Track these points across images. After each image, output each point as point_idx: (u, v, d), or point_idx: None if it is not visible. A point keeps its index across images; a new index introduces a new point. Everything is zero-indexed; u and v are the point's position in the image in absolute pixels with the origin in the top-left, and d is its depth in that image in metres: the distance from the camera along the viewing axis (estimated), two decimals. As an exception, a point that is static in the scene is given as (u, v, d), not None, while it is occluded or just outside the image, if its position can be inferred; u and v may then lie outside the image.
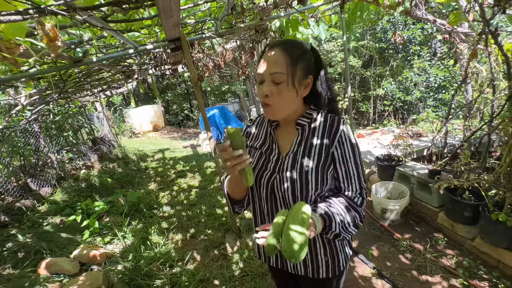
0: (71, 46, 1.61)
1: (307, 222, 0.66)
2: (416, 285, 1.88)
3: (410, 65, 5.69)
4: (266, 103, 0.76)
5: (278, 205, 0.84)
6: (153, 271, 2.00)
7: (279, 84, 0.73)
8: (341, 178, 0.80)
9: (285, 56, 0.73)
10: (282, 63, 0.73)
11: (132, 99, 6.20)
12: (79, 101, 4.71)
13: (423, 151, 3.25)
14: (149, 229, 2.73)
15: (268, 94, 0.74)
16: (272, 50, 0.75)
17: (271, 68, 0.73)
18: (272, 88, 0.74)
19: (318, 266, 0.86)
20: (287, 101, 0.76)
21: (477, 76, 2.51)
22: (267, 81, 0.74)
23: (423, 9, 2.52)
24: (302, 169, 0.78)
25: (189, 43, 2.39)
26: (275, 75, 0.73)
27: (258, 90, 0.78)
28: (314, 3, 2.50)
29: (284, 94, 0.74)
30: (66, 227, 2.55)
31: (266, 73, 0.74)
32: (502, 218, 1.75)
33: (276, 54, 0.74)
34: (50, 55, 1.13)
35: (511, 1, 1.69)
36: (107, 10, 1.09)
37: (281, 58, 0.73)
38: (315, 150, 0.79)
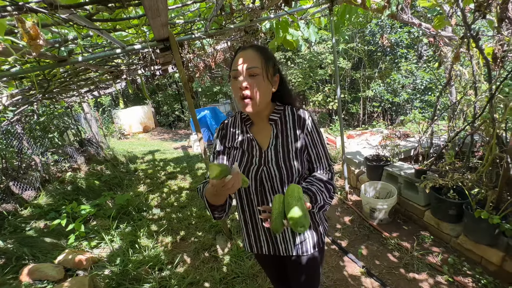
0: (55, 45, 1.57)
1: (303, 197, 0.75)
2: (403, 282, 1.92)
3: (398, 67, 5.84)
4: (246, 96, 0.83)
5: (268, 195, 0.91)
6: (141, 275, 1.96)
7: (256, 76, 0.82)
8: (313, 159, 0.93)
9: (258, 55, 0.84)
10: (256, 59, 0.83)
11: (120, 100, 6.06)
12: (65, 101, 4.57)
13: (410, 151, 3.33)
14: (138, 232, 2.67)
15: (248, 86, 0.81)
16: (245, 51, 0.85)
17: (248, 63, 0.82)
18: (250, 81, 0.82)
19: (306, 242, 0.96)
20: (264, 92, 0.86)
21: (460, 78, 2.59)
22: (245, 76, 0.82)
23: (409, 13, 2.59)
24: (285, 157, 0.89)
25: (179, 43, 2.37)
26: (252, 69, 0.81)
27: (235, 84, 0.83)
28: (304, 5, 2.52)
29: (261, 86, 0.83)
30: (50, 231, 2.46)
31: (242, 68, 0.82)
32: (484, 216, 1.81)
33: (250, 52, 0.84)
34: (31, 54, 1.09)
35: (491, 7, 1.76)
36: (91, 9, 1.06)
37: (255, 56, 0.84)
38: (291, 140, 0.91)
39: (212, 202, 0.84)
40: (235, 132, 0.97)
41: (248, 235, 1.01)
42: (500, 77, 1.82)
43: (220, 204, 0.86)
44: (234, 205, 1.06)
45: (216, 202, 0.84)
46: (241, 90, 0.82)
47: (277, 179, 0.88)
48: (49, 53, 1.56)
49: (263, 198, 0.91)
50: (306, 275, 1.03)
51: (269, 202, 0.90)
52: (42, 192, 3.21)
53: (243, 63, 0.82)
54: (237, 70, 0.82)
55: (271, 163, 0.88)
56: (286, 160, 0.88)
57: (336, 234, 2.55)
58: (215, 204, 0.85)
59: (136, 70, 3.52)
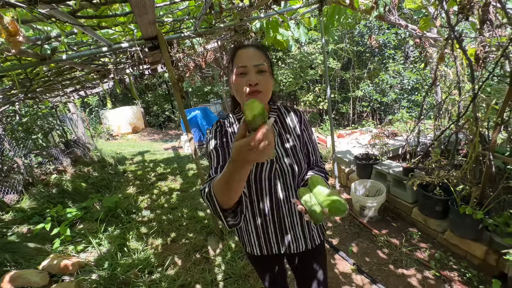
0: (37, 42, 1.51)
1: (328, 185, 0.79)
2: (392, 278, 1.96)
3: (386, 68, 5.96)
4: (258, 90, 0.82)
5: (280, 193, 0.91)
6: (130, 279, 1.91)
7: (263, 72, 0.83)
8: (310, 153, 1.00)
9: (262, 53, 0.86)
10: (262, 57, 0.84)
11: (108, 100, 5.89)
12: (49, 101, 4.42)
13: (399, 150, 3.41)
14: (127, 235, 2.61)
15: (258, 82, 0.81)
16: (248, 48, 0.85)
17: (255, 60, 0.82)
18: (259, 77, 0.82)
19: (313, 234, 1.00)
20: (271, 88, 0.88)
21: (445, 78, 2.67)
22: (252, 72, 0.81)
23: (396, 15, 2.65)
24: (293, 152, 0.92)
25: (168, 42, 2.33)
26: (260, 66, 0.82)
27: (242, 81, 0.82)
28: (294, 5, 2.54)
29: (269, 81, 0.85)
30: (34, 236, 2.37)
31: (250, 64, 0.81)
32: (469, 212, 1.87)
33: (254, 50, 0.85)
34: (10, 51, 1.04)
35: (474, 9, 1.82)
36: (74, 5, 1.02)
37: (259, 54, 0.85)
38: (293, 136, 0.96)
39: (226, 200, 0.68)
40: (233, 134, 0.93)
41: (258, 238, 0.97)
42: (482, 77, 1.88)
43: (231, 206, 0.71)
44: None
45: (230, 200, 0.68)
46: (251, 86, 0.80)
47: (289, 174, 0.90)
48: (31, 51, 1.50)
49: (277, 196, 0.92)
50: (319, 264, 1.06)
51: (280, 200, 0.92)
52: (25, 195, 3.09)
53: (251, 60, 0.82)
54: (246, 67, 0.81)
55: (283, 159, 0.90)
56: (295, 155, 0.92)
57: (327, 232, 2.57)
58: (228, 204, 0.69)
59: (124, 69, 3.44)
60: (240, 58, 0.83)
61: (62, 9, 1.06)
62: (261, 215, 0.94)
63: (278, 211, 0.93)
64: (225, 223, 0.73)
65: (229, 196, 0.66)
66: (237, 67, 0.83)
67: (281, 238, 0.96)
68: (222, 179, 0.63)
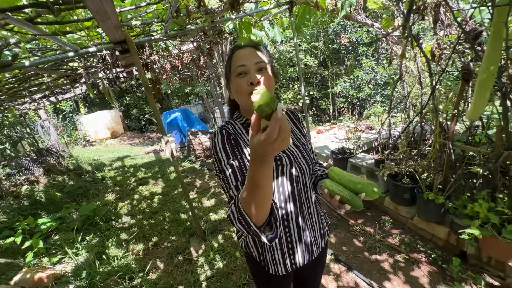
0: (-5, 49, 1.45)
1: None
2: (367, 264, 2.08)
3: (360, 64, 6.19)
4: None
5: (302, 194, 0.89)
6: (110, 286, 1.89)
7: (265, 70, 0.79)
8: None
9: (261, 51, 0.82)
10: (261, 55, 0.81)
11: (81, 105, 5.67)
12: (16, 109, 4.19)
13: (373, 143, 3.58)
14: (106, 242, 2.56)
15: (260, 80, 0.76)
16: (244, 49, 0.81)
17: (255, 58, 0.78)
18: (261, 75, 0.77)
19: (325, 230, 1.00)
20: (273, 85, 0.83)
21: (410, 74, 2.85)
22: (252, 71, 0.77)
23: (363, 14, 2.78)
24: (306, 150, 0.92)
25: (139, 45, 2.30)
26: (261, 64, 0.78)
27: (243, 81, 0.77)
28: (264, 6, 2.59)
29: (271, 79, 0.80)
30: (3, 251, 2.26)
31: (250, 63, 0.77)
32: (431, 197, 2.02)
33: (251, 50, 0.80)
34: (-37, 60, 1.01)
35: (427, 10, 1.96)
36: (31, 12, 1.01)
37: (258, 52, 0.81)
38: (299, 135, 0.96)
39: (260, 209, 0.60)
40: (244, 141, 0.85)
41: (282, 253, 0.88)
42: (438, 72, 2.03)
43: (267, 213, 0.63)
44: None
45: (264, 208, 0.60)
46: (253, 85, 0.75)
47: (307, 172, 0.89)
48: (-12, 58, 1.44)
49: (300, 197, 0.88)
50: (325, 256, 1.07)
51: (303, 201, 0.89)
52: (-6, 209, 2.93)
53: (251, 58, 0.78)
54: (245, 65, 0.77)
55: (299, 158, 0.88)
56: (308, 153, 0.92)
57: (307, 225, 2.66)
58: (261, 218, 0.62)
59: (96, 73, 3.34)
60: (239, 58, 0.78)
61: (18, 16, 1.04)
62: (284, 222, 0.86)
63: (303, 213, 0.89)
64: (265, 240, 0.64)
65: (261, 205, 0.59)
66: (235, 67, 0.79)
67: (305, 244, 0.90)
68: (247, 189, 0.57)
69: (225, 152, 0.77)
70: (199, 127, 6.62)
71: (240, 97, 0.80)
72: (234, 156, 0.76)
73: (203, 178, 4.39)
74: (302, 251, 0.89)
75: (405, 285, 1.84)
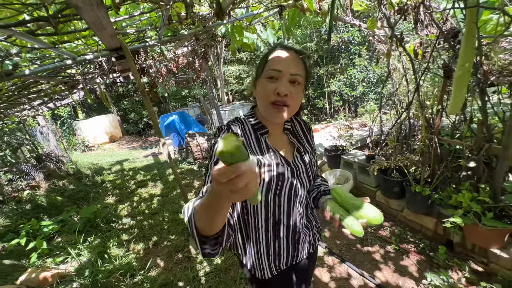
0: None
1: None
2: (359, 256, 2.17)
3: (353, 63, 6.31)
4: (285, 103, 0.72)
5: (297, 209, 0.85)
6: (112, 283, 1.97)
7: (297, 85, 0.73)
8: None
9: (301, 62, 0.75)
10: (301, 66, 0.74)
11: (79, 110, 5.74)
12: (16, 116, 4.26)
13: (366, 140, 3.67)
14: (107, 243, 2.63)
15: (288, 93, 0.70)
16: (289, 51, 0.74)
17: (293, 68, 0.72)
18: (290, 88, 0.71)
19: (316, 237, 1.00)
20: (298, 105, 0.77)
21: (398, 72, 2.94)
22: (284, 80, 0.71)
23: (350, 15, 2.88)
24: (311, 166, 0.88)
25: (134, 51, 2.38)
26: (297, 76, 0.72)
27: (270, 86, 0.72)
28: (255, 10, 2.68)
29: (300, 97, 0.74)
30: (8, 253, 2.33)
31: (286, 70, 0.71)
32: (418, 189, 2.12)
33: (294, 57, 0.74)
34: (-30, 72, 1.09)
35: (409, 11, 2.06)
36: (32, 26, 1.09)
37: (299, 62, 0.74)
38: (307, 148, 0.90)
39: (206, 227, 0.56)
40: (251, 144, 0.80)
41: (268, 256, 0.86)
42: (421, 70, 2.13)
43: (214, 232, 0.58)
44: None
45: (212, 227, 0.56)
46: (279, 96, 0.70)
47: (307, 187, 0.86)
48: (-9, 68, 1.52)
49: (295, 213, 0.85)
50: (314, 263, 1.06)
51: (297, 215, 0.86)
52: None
53: (288, 66, 0.71)
54: (280, 71, 0.70)
55: (302, 174, 0.84)
56: (312, 170, 0.87)
57: (302, 221, 2.75)
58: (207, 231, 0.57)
59: (93, 79, 3.42)
60: (276, 61, 0.72)
61: (20, 29, 1.12)
62: (275, 234, 0.84)
63: (295, 228, 0.87)
64: (200, 250, 0.60)
65: (208, 225, 0.55)
66: (269, 68, 0.72)
67: (293, 250, 0.89)
68: (201, 206, 0.53)
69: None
70: (197, 129, 6.70)
71: (262, 102, 0.75)
72: None
73: (201, 179, 4.47)
74: (286, 255, 0.88)
75: (395, 274, 1.93)
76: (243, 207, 0.82)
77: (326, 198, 0.87)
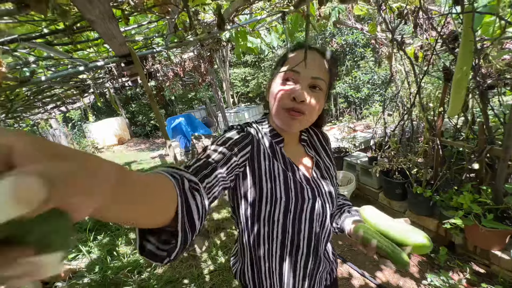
0: (17, 67, 1.65)
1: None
2: (360, 256, 2.19)
3: (358, 65, 6.31)
4: (300, 110, 0.61)
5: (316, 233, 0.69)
6: (121, 279, 2.05)
7: (318, 91, 0.63)
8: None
9: (326, 65, 0.64)
10: (324, 70, 0.64)
11: (89, 113, 5.93)
12: (30, 119, 4.45)
13: (370, 142, 3.69)
14: (116, 241, 2.73)
15: (305, 100, 0.60)
16: (312, 52, 0.64)
17: (315, 70, 0.62)
18: (309, 93, 0.61)
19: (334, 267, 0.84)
20: (317, 113, 0.66)
21: (400, 74, 2.96)
22: (304, 85, 0.61)
23: (352, 19, 2.92)
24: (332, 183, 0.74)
25: (142, 57, 2.49)
26: (318, 80, 0.62)
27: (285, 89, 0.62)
28: (258, 16, 2.76)
29: (319, 104, 0.63)
30: (24, 250, 2.46)
31: (307, 74, 0.61)
32: (419, 191, 2.13)
33: (318, 58, 0.64)
34: (-6, 80, 1.19)
35: (409, 15, 2.09)
36: (49, 37, 1.19)
37: (323, 65, 0.64)
38: (327, 162, 0.77)
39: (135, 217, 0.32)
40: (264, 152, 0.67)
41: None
42: (422, 72, 2.15)
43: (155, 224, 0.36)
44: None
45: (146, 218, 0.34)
46: (295, 101, 0.61)
47: (329, 210, 0.71)
48: (11, 76, 1.64)
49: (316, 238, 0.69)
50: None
51: (319, 242, 0.70)
52: (12, 213, 3.14)
53: (309, 68, 0.61)
54: (298, 74, 0.61)
55: (325, 194, 0.70)
56: (334, 188, 0.74)
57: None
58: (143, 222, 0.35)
59: (103, 83, 3.56)
60: (296, 61, 0.62)
61: (40, 41, 1.22)
62: (291, 263, 0.69)
63: (316, 257, 0.71)
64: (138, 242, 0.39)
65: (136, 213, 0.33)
66: (286, 70, 0.63)
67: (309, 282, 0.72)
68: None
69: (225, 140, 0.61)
70: (203, 131, 6.81)
71: (274, 107, 0.64)
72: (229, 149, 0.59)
73: (207, 180, 4.55)
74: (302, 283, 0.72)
75: (395, 274, 1.95)
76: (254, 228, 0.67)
77: (354, 220, 0.73)
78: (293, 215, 0.65)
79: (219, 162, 0.55)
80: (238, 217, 0.69)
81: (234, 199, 0.68)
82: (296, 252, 0.68)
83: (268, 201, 0.63)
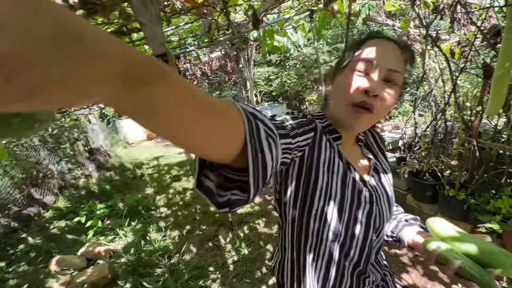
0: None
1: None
2: (388, 258, 2.15)
3: (387, 63, 6.05)
4: (370, 105, 0.54)
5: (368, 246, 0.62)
6: (153, 262, 2.23)
7: (393, 86, 0.55)
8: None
9: (403, 58, 0.57)
10: (401, 63, 0.56)
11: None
12: (74, 114, 4.91)
13: (398, 142, 3.56)
14: (148, 228, 2.95)
15: (379, 94, 0.53)
16: (389, 43, 0.56)
17: (392, 63, 0.54)
18: (384, 88, 0.54)
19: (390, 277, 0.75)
20: (388, 110, 0.59)
21: (434, 71, 2.84)
22: (379, 76, 0.53)
23: (383, 16, 2.85)
24: (390, 188, 0.67)
25: (175, 56, 2.66)
26: (395, 73, 0.54)
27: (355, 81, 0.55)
28: (286, 15, 2.80)
29: (392, 100, 0.56)
30: (71, 229, 2.76)
31: (383, 65, 0.54)
32: (452, 193, 2.04)
33: (395, 49, 0.56)
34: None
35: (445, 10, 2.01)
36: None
37: (401, 57, 0.56)
38: (385, 165, 0.71)
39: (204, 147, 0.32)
40: (320, 147, 0.60)
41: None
42: (458, 70, 2.06)
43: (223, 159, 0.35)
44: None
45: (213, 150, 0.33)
46: (366, 94, 0.54)
47: (387, 219, 0.65)
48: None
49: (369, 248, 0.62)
50: None
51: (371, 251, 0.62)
52: (60, 197, 3.53)
53: (386, 59, 0.54)
54: (373, 64, 0.54)
55: (383, 200, 0.64)
56: (392, 192, 0.68)
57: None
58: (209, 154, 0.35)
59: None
60: (371, 50, 0.55)
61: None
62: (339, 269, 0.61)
63: (365, 267, 0.63)
64: (195, 182, 0.39)
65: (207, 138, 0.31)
66: (359, 58, 0.55)
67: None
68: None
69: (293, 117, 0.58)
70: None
71: (339, 101, 0.59)
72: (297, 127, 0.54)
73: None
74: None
75: (423, 278, 1.89)
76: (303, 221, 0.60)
77: (419, 231, 0.65)
78: (348, 217, 0.58)
79: (291, 132, 0.50)
80: (285, 206, 0.62)
81: (282, 186, 0.61)
82: (345, 258, 0.61)
83: (322, 196, 0.57)
